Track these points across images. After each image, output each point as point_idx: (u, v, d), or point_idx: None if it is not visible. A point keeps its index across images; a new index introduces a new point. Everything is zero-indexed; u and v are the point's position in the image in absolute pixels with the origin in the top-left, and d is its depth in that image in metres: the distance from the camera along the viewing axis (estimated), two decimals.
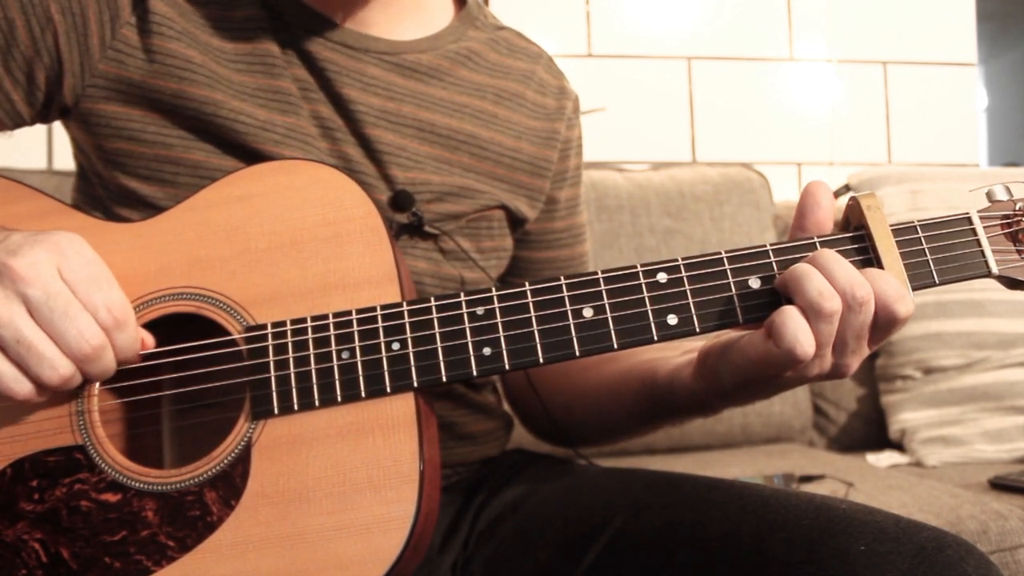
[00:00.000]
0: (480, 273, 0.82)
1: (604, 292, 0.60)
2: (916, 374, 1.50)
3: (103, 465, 0.59)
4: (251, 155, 0.73)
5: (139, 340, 0.60)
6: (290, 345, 0.60)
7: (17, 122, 0.74)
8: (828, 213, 0.61)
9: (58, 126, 0.79)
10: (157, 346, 0.62)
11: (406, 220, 0.76)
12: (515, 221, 0.86)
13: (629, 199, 1.57)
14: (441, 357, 0.60)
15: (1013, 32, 4.55)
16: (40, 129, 1.64)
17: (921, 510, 1.06)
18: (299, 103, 0.74)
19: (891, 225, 0.59)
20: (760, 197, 1.64)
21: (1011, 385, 1.45)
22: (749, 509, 0.61)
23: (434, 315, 0.60)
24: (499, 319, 0.60)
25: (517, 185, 0.84)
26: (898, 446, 1.51)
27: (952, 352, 1.48)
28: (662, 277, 0.60)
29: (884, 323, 0.57)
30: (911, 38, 2.09)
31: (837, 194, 1.67)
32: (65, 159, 1.53)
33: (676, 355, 0.70)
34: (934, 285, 0.59)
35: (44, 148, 1.68)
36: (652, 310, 0.59)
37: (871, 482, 1.20)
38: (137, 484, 0.59)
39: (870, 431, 1.58)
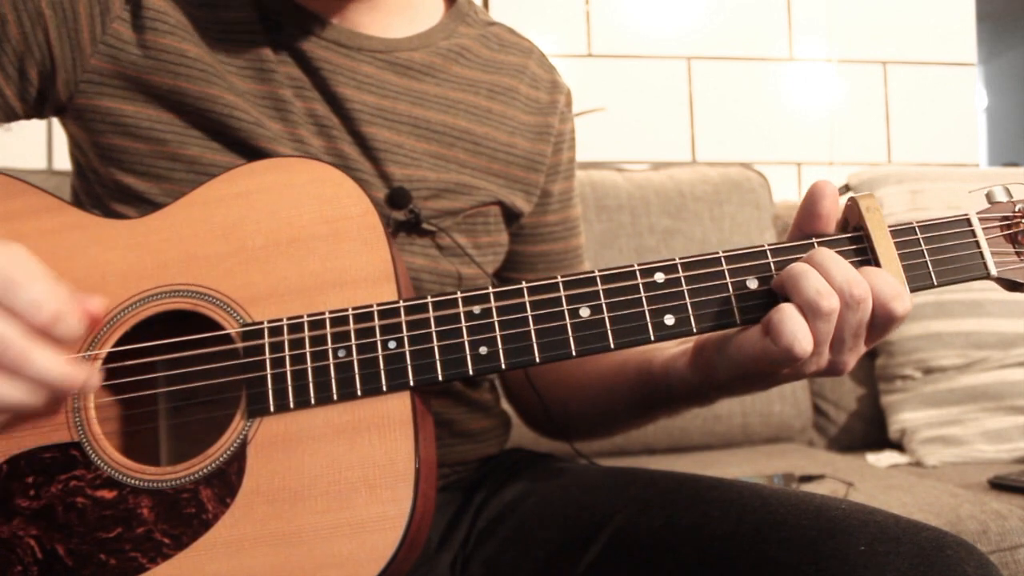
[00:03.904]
0: (477, 269, 0.82)
1: (601, 292, 0.60)
2: (916, 374, 1.50)
3: (99, 462, 0.59)
4: (247, 150, 0.73)
5: (80, 325, 0.57)
6: (286, 343, 0.60)
7: (9, 116, 0.74)
8: (832, 214, 0.60)
9: (58, 126, 0.79)
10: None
11: (403, 217, 0.76)
12: (510, 216, 0.86)
13: (629, 199, 1.57)
14: (437, 356, 0.59)
15: (1013, 32, 4.55)
16: (39, 129, 1.64)
17: (921, 510, 1.05)
18: (292, 107, 0.74)
19: (890, 226, 0.59)
20: (760, 197, 1.64)
21: (1011, 385, 1.45)
22: (749, 509, 0.60)
23: (431, 314, 0.60)
24: (496, 318, 0.60)
25: (512, 180, 0.84)
26: (898, 446, 1.51)
27: (952, 352, 1.48)
28: (659, 277, 0.60)
29: (881, 321, 0.57)
30: (911, 38, 2.09)
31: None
32: (65, 159, 1.53)
33: (671, 346, 0.70)
34: (932, 287, 0.60)
35: (44, 148, 1.68)
36: (649, 310, 0.59)
37: (871, 482, 1.20)
38: (133, 481, 0.59)
39: (870, 431, 1.58)
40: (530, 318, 0.60)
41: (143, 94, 0.72)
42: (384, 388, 0.59)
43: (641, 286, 0.60)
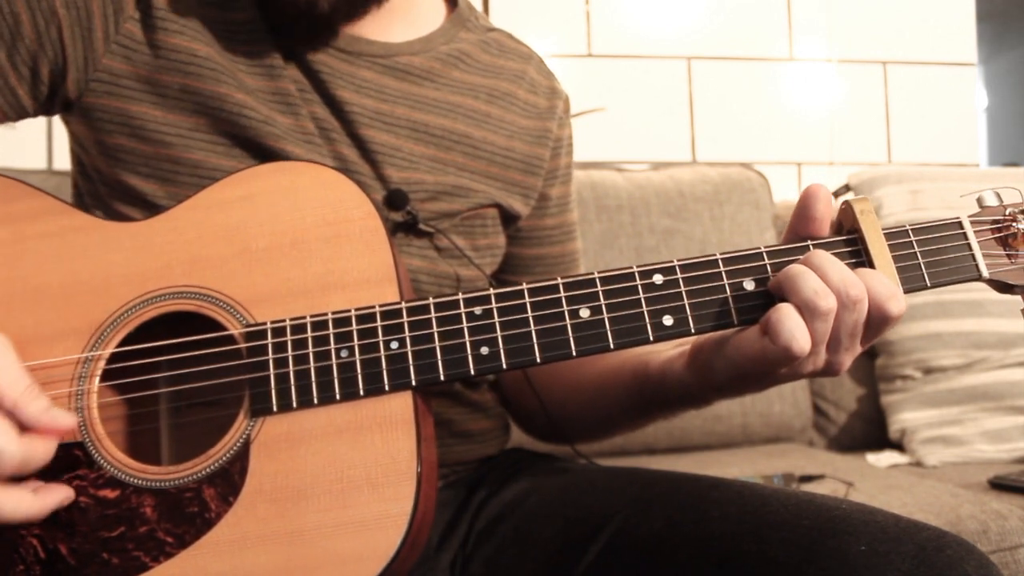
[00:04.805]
0: (475, 270, 0.82)
1: (601, 293, 0.60)
2: (916, 374, 1.50)
3: (102, 462, 0.59)
4: (255, 149, 0.73)
5: (46, 410, 0.57)
6: (289, 343, 0.60)
7: (20, 114, 0.75)
8: (826, 216, 0.61)
9: (58, 126, 0.79)
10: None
11: (401, 219, 0.76)
12: (508, 219, 0.86)
13: (629, 199, 1.57)
14: (439, 356, 0.60)
15: (1013, 32, 4.55)
16: (40, 129, 1.65)
17: (921, 510, 1.05)
18: (298, 103, 0.75)
19: (883, 229, 0.60)
20: (760, 197, 1.64)
21: (1011, 385, 1.45)
22: (749, 509, 0.61)
23: (432, 315, 0.60)
24: (497, 319, 0.60)
25: (510, 183, 0.84)
26: (898, 446, 1.51)
27: (952, 352, 1.48)
28: (658, 279, 0.60)
29: (877, 321, 0.58)
30: (911, 38, 2.09)
31: (837, 194, 1.67)
32: (65, 159, 1.53)
33: (668, 347, 0.71)
34: (926, 288, 0.61)
35: (44, 148, 1.68)
36: (648, 311, 0.60)
37: (871, 482, 1.20)
38: (136, 481, 0.59)
39: (870, 431, 1.58)
40: (531, 319, 0.60)
41: (152, 94, 0.73)
42: (386, 388, 0.59)
43: (640, 287, 0.60)
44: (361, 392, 0.59)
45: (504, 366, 0.59)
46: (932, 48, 2.10)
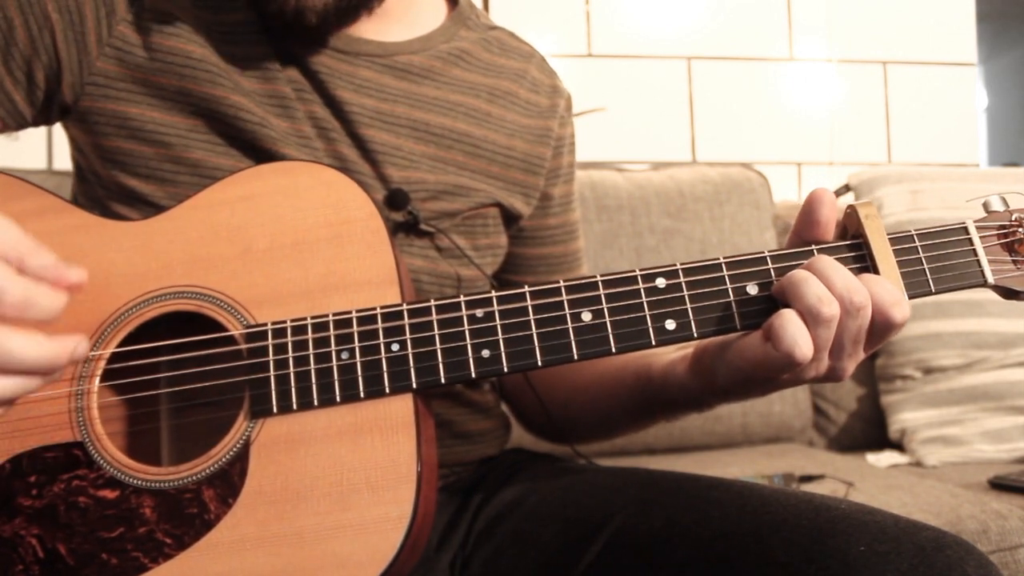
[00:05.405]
0: (476, 270, 0.82)
1: (603, 296, 0.60)
2: (916, 374, 1.50)
3: (101, 462, 0.59)
4: (253, 151, 0.73)
5: (54, 302, 0.51)
6: (290, 344, 0.60)
7: (20, 122, 0.75)
8: (831, 220, 0.61)
9: (58, 127, 0.79)
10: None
11: (401, 218, 0.76)
12: (509, 218, 0.86)
13: (629, 199, 1.57)
14: (440, 359, 0.60)
15: (1013, 32, 4.55)
16: (40, 129, 1.64)
17: (921, 510, 1.05)
18: (295, 105, 0.75)
19: (888, 234, 0.60)
20: (760, 197, 1.64)
21: (1011, 385, 1.45)
22: (749, 509, 0.61)
23: (433, 316, 0.60)
24: (498, 322, 0.60)
25: (511, 183, 0.84)
26: (898, 446, 1.51)
27: (952, 352, 1.48)
28: (661, 282, 0.60)
29: (880, 328, 0.58)
30: (911, 38, 2.09)
31: (837, 194, 1.67)
32: (65, 159, 1.53)
33: (671, 350, 0.70)
34: (930, 293, 0.60)
35: (44, 148, 1.68)
36: (650, 315, 0.60)
37: (871, 482, 1.20)
38: (135, 481, 0.59)
39: (870, 431, 1.59)
40: (532, 321, 0.60)
41: (149, 96, 0.73)
42: (387, 390, 0.59)
43: (643, 291, 0.60)
44: (361, 394, 0.59)
45: (505, 369, 0.59)
46: (932, 48, 2.10)
